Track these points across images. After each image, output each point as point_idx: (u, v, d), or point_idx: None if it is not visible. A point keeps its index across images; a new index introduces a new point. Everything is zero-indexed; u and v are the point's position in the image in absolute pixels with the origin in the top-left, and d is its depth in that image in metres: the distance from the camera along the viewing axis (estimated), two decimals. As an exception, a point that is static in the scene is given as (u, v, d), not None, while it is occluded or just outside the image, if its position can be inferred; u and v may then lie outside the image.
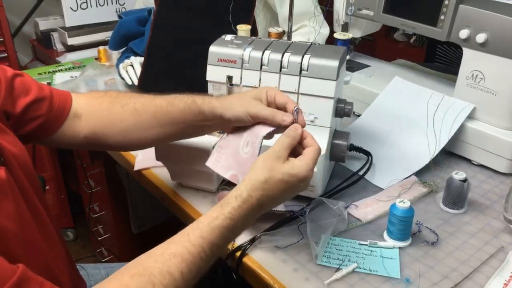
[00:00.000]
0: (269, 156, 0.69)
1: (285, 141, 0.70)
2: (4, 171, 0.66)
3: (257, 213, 0.70)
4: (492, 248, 0.86)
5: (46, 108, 0.82)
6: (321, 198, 0.92)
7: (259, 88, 0.82)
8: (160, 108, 0.83)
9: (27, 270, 0.58)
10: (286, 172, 0.68)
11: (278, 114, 0.75)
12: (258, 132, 0.76)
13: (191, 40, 1.28)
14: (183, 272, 0.61)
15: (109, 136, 0.85)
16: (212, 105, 0.80)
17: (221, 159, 0.78)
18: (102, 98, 0.87)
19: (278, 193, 0.69)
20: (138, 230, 1.77)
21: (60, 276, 0.78)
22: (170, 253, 0.62)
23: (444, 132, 1.08)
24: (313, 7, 1.47)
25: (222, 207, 0.67)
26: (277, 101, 0.77)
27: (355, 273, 0.80)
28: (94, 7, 1.90)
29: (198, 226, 0.66)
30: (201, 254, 0.64)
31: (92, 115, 0.85)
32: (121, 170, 1.61)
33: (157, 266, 0.60)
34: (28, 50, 2.12)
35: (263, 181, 0.67)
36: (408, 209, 0.84)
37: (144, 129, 0.84)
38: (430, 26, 1.12)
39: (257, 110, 0.76)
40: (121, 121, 0.84)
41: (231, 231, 0.67)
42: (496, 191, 1.02)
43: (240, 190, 0.68)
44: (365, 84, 1.30)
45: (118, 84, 1.49)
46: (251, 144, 0.76)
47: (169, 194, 1.01)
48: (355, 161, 1.09)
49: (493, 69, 1.05)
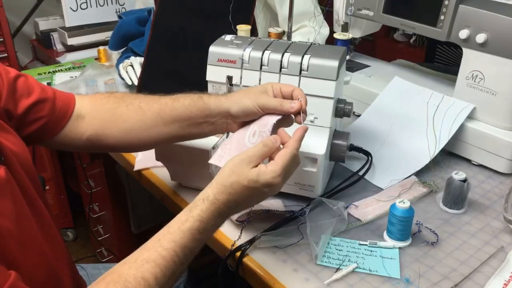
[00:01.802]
0: (239, 161, 0.70)
1: (260, 149, 0.71)
2: (4, 170, 0.66)
3: (226, 215, 0.71)
4: (492, 248, 0.86)
5: (49, 110, 0.82)
6: (321, 198, 0.93)
7: (263, 83, 0.83)
8: (165, 106, 0.83)
9: (18, 280, 0.58)
10: (251, 178, 0.68)
11: (286, 102, 0.77)
12: (266, 121, 0.77)
13: (191, 40, 1.28)
14: (157, 276, 0.62)
15: (112, 136, 0.85)
16: (219, 100, 0.81)
17: (224, 154, 0.78)
18: (107, 99, 0.87)
19: (243, 198, 0.70)
20: (138, 230, 1.77)
21: (62, 276, 0.78)
22: (143, 259, 0.63)
23: (444, 132, 1.08)
24: (313, 7, 1.47)
25: (191, 210, 0.68)
26: (283, 90, 0.79)
27: (355, 273, 0.80)
28: (94, 7, 1.90)
29: (169, 231, 0.66)
30: (174, 258, 0.64)
31: (96, 116, 0.85)
32: (121, 170, 1.61)
33: (131, 273, 0.62)
34: (28, 50, 2.12)
35: (228, 186, 0.69)
36: (408, 209, 0.84)
37: (147, 128, 0.84)
38: (430, 26, 1.12)
39: (265, 101, 0.77)
40: (125, 121, 0.84)
41: (202, 233, 0.68)
42: (496, 191, 1.02)
43: (207, 193, 0.69)
44: (365, 84, 1.30)
45: (118, 84, 1.49)
46: (259, 134, 0.76)
47: (169, 194, 1.01)
48: (355, 161, 1.09)
49: (493, 69, 1.05)
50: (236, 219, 0.88)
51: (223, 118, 0.81)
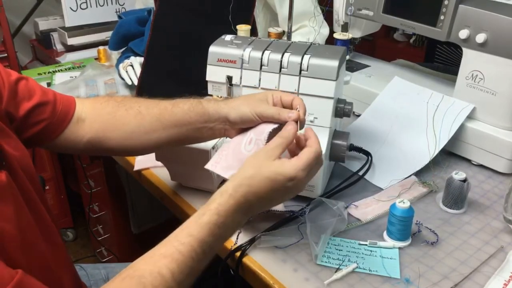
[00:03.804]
0: (260, 154, 0.69)
1: (277, 141, 0.70)
2: (5, 175, 0.66)
3: (247, 211, 0.69)
4: (492, 248, 0.86)
5: (50, 113, 0.82)
6: (321, 198, 0.93)
7: (264, 91, 0.83)
8: (165, 110, 0.83)
9: (26, 276, 0.58)
10: (274, 170, 0.67)
11: (284, 111, 0.76)
12: (263, 129, 0.77)
13: (190, 40, 1.28)
14: (174, 272, 0.61)
15: (112, 140, 0.85)
16: (218, 105, 0.81)
17: (220, 160, 0.78)
18: (107, 103, 0.87)
19: (264, 191, 0.67)
20: (138, 230, 1.77)
21: (62, 278, 0.78)
22: (160, 254, 0.62)
23: (444, 132, 1.08)
24: (313, 7, 1.47)
25: (209, 204, 0.67)
26: (283, 100, 0.78)
27: (355, 273, 0.80)
28: (94, 7, 1.90)
29: (186, 226, 0.65)
30: (191, 254, 0.63)
31: (96, 119, 0.86)
32: (121, 170, 1.61)
33: (148, 268, 0.61)
34: (28, 50, 2.12)
35: (248, 177, 0.67)
36: (408, 209, 0.84)
37: (147, 132, 0.84)
38: (430, 26, 1.12)
39: (263, 109, 0.77)
40: (124, 124, 0.84)
41: (220, 227, 0.66)
42: (496, 191, 1.02)
43: (226, 186, 0.68)
44: (365, 84, 1.30)
45: (118, 84, 1.49)
46: (255, 142, 0.76)
47: (169, 194, 1.01)
48: (355, 161, 1.09)
49: (493, 69, 1.05)
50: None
51: (222, 124, 0.81)
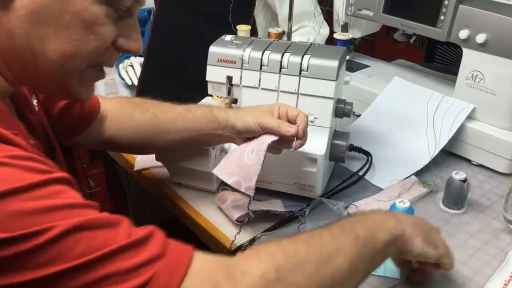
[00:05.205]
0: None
1: None
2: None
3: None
4: (492, 248, 0.86)
5: (78, 110, 0.86)
6: (321, 198, 0.93)
7: (273, 104, 0.87)
8: (178, 115, 0.88)
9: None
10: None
11: (284, 125, 0.80)
12: (263, 140, 0.81)
13: (190, 40, 1.28)
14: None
15: (126, 139, 0.90)
16: (227, 114, 0.86)
17: (226, 165, 0.83)
18: (125, 104, 0.92)
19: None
20: (138, 230, 1.77)
21: None
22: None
23: (444, 132, 1.08)
24: (313, 7, 1.47)
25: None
26: (288, 114, 0.83)
27: (355, 273, 0.80)
28: (94, 7, 1.89)
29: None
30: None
31: (114, 119, 0.90)
32: (121, 170, 1.61)
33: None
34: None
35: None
36: (408, 209, 0.84)
37: (161, 134, 0.89)
38: (430, 26, 1.12)
39: (265, 121, 0.81)
40: (139, 125, 0.89)
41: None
42: (496, 191, 1.02)
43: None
44: (365, 84, 1.30)
45: (118, 84, 1.49)
46: (256, 152, 0.80)
47: (169, 194, 1.01)
48: (355, 161, 1.09)
49: (493, 69, 1.05)
50: (236, 219, 0.88)
51: (229, 132, 0.86)
